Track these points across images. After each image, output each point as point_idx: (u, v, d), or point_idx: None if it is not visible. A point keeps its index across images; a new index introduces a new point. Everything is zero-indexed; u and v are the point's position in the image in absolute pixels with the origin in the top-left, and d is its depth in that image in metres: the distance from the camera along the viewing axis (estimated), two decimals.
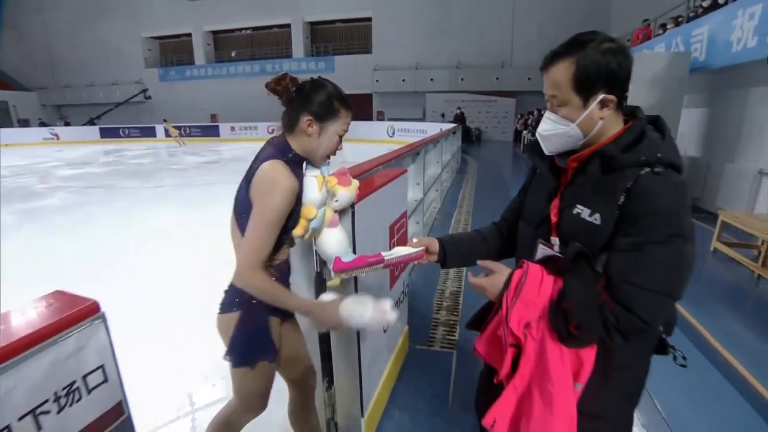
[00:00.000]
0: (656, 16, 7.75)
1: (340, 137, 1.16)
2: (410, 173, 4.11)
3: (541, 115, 0.99)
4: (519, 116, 15.80)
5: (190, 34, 23.21)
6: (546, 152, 0.98)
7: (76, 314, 0.65)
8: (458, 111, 16.47)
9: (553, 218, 0.97)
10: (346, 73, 20.60)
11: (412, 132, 15.71)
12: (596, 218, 0.86)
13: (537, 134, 0.98)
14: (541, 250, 1.01)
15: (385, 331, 1.90)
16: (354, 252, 1.34)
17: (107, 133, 21.47)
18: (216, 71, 23.34)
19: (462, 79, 18.51)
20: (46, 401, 0.60)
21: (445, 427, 1.84)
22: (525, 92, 17.61)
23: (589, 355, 0.89)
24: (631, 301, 0.80)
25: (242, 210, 1.09)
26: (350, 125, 1.17)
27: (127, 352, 2.32)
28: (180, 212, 6.19)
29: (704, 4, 6.04)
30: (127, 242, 4.74)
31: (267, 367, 1.21)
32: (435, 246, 1.19)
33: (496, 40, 18.09)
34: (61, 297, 0.69)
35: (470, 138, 16.43)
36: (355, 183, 1.28)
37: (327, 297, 1.16)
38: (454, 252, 1.19)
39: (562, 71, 0.87)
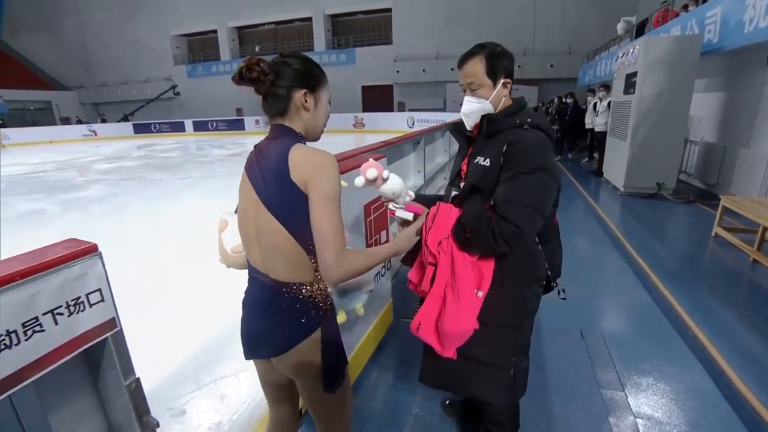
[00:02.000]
0: None
1: (329, 104, 1.11)
2: (411, 161, 4.32)
3: (562, 102, 1.37)
4: (540, 104, 15.52)
5: (215, 31, 24.02)
6: (468, 127, 1.30)
7: (81, 251, 0.93)
8: None
9: (463, 169, 1.32)
10: (367, 64, 20.81)
11: (432, 122, 15.76)
12: (487, 162, 1.19)
13: (461, 114, 1.29)
14: (453, 194, 1.35)
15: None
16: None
17: (140, 129, 22.63)
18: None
19: None
20: (61, 306, 0.88)
21: (417, 390, 2.07)
22: (547, 80, 17.28)
23: (487, 267, 1.17)
24: (507, 213, 1.09)
25: (287, 204, 0.97)
26: (370, 116, 1.24)
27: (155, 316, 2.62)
28: (204, 201, 6.64)
29: None
30: (154, 227, 5.22)
31: (347, 372, 1.16)
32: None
33: (517, 26, 17.77)
34: (73, 241, 0.97)
35: None
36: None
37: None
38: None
39: (476, 64, 1.21)
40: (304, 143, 1.03)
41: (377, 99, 21.05)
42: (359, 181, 1.17)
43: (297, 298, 1.03)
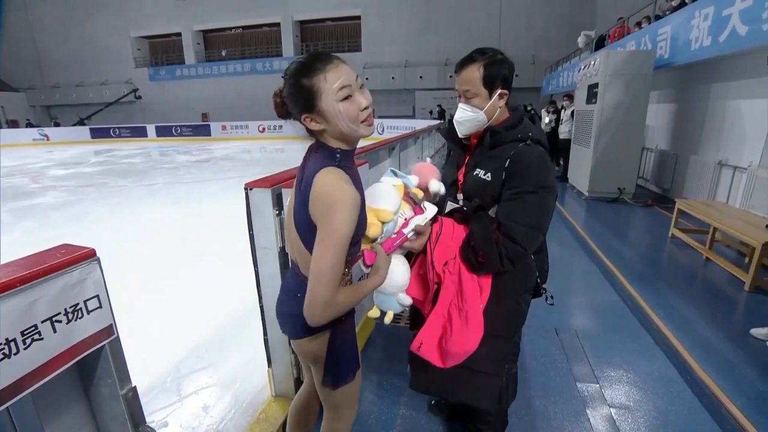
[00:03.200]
0: (633, 13, 8.02)
1: (347, 98, 0.93)
2: (387, 166, 4.37)
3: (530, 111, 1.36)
4: None
5: (179, 34, 23.31)
6: (460, 135, 1.30)
7: (80, 256, 0.91)
8: (438, 108, 16.81)
9: (460, 179, 1.31)
10: None
11: (401, 129, 15.95)
12: (488, 176, 1.19)
13: (454, 121, 1.27)
14: (449, 205, 1.33)
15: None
16: None
17: (98, 134, 21.52)
18: (206, 70, 23.46)
19: (450, 76, 18.72)
20: (59, 313, 0.86)
21: (403, 390, 2.10)
22: (513, 89, 17.88)
23: (486, 282, 1.19)
24: (513, 233, 1.11)
25: (304, 228, 0.99)
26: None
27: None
28: (171, 207, 6.43)
29: (674, 3, 6.35)
30: (122, 234, 5.00)
31: (357, 377, 1.18)
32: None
33: (484, 35, 18.35)
34: (69, 246, 0.95)
35: None
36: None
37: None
38: None
39: (474, 72, 1.18)
40: (337, 160, 0.98)
41: None
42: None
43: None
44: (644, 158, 7.18)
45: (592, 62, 6.15)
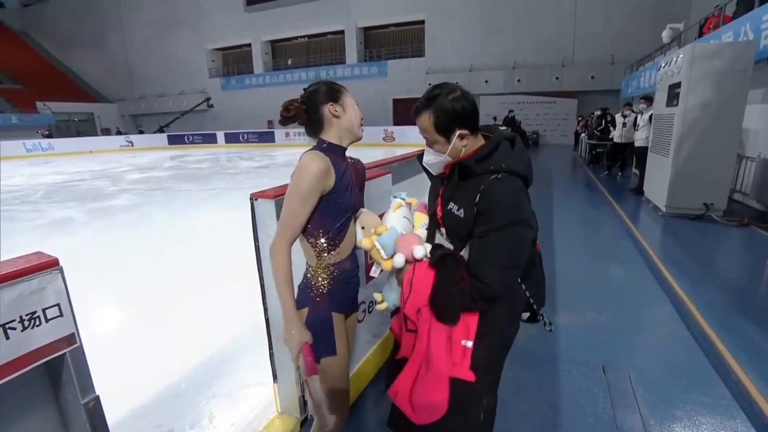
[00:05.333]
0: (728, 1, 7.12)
1: (357, 106, 1.35)
2: (425, 179, 4.26)
3: (604, 114, 2.13)
4: (579, 118, 15.08)
5: (249, 44, 25.16)
6: (434, 174, 1.30)
7: (40, 265, 0.94)
8: (509, 114, 16.10)
9: (439, 212, 1.29)
10: (399, 77, 21.07)
11: None
12: (461, 212, 1.16)
13: (423, 163, 1.29)
14: (438, 237, 1.32)
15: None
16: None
17: (174, 140, 23.85)
18: (273, 79, 25.00)
19: (519, 80, 18.14)
20: (14, 320, 0.89)
21: None
22: (587, 92, 16.85)
23: (473, 318, 1.17)
24: (481, 274, 1.09)
25: None
26: (400, 129, 1.42)
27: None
28: (225, 212, 6.85)
29: None
30: (174, 237, 5.42)
31: (333, 363, 1.32)
32: None
33: (555, 36, 17.52)
34: (37, 255, 1.00)
35: (525, 142, 16.03)
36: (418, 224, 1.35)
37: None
38: None
39: (426, 121, 1.17)
40: (324, 147, 1.28)
41: (408, 112, 21.07)
42: (398, 260, 1.19)
43: (305, 274, 1.34)
44: (742, 168, 6.29)
45: (675, 59, 5.52)
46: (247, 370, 2.39)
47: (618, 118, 8.75)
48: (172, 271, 4.21)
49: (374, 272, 1.29)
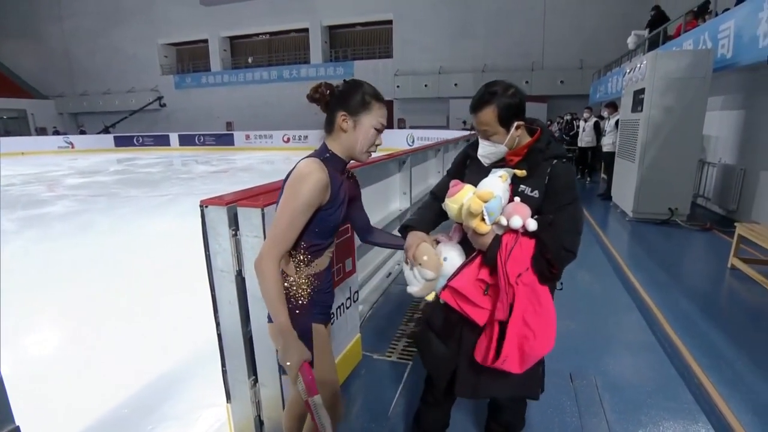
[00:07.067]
0: (695, 6, 7.60)
1: (378, 131, 1.29)
2: (396, 181, 4.30)
3: (572, 119, 2.54)
4: (548, 122, 15.66)
5: (206, 40, 24.62)
6: (485, 165, 1.46)
7: None
8: None
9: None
10: (366, 78, 20.03)
11: (432, 141, 15.89)
12: (535, 193, 1.36)
13: (478, 155, 1.45)
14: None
15: None
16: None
17: (121, 142, 22.93)
18: (232, 78, 24.54)
19: None
20: None
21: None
22: (557, 96, 17.52)
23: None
24: (566, 243, 1.31)
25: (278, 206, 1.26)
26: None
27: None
28: (177, 221, 6.62)
29: None
30: (119, 247, 5.19)
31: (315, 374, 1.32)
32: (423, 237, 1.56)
33: (525, 40, 18.16)
34: None
35: None
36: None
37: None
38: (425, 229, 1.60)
39: (489, 114, 1.33)
40: (324, 156, 1.26)
41: None
42: (516, 222, 1.30)
43: (283, 283, 1.30)
44: (704, 174, 6.71)
45: (639, 65, 5.86)
46: (199, 390, 2.32)
47: (581, 123, 9.17)
48: (116, 284, 4.02)
49: (418, 290, 1.41)
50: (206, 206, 1.70)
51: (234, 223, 1.70)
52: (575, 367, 2.44)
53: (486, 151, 1.41)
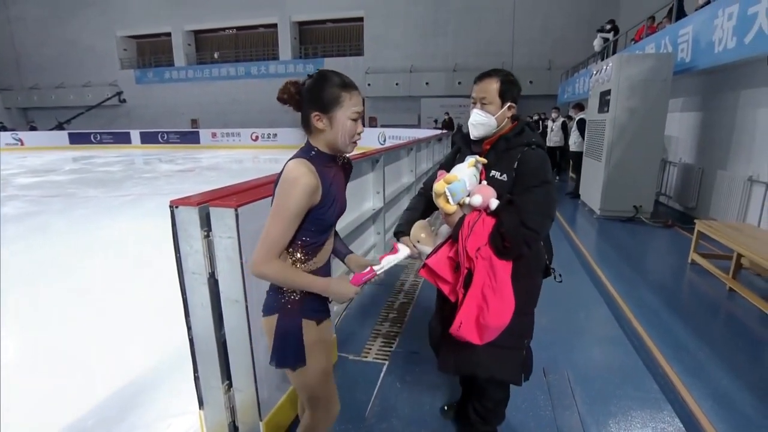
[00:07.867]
0: (658, 9, 7.95)
1: (354, 120, 1.25)
2: (369, 181, 4.31)
3: (539, 119, 2.52)
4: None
5: (169, 34, 23.84)
6: (472, 137, 1.62)
7: None
8: (446, 117, 16.79)
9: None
10: None
11: (404, 140, 15.98)
12: (504, 177, 1.50)
13: (469, 123, 1.59)
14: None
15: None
16: None
17: (77, 139, 21.88)
18: (197, 73, 23.89)
19: (459, 83, 18.89)
20: None
21: None
22: (526, 96, 17.90)
23: (508, 265, 1.49)
24: (528, 221, 1.41)
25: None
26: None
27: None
28: (138, 222, 6.40)
29: (700, 1, 6.27)
30: (77, 251, 4.97)
31: (303, 372, 1.35)
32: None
33: (495, 39, 18.55)
34: None
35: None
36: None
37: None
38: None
39: (492, 83, 1.53)
40: (310, 155, 1.25)
41: None
42: (477, 200, 1.47)
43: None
44: (666, 173, 7.05)
45: (605, 67, 6.10)
46: (168, 398, 2.26)
47: (549, 123, 9.48)
48: (74, 288, 3.87)
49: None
50: (176, 207, 1.67)
51: (206, 224, 1.67)
52: (548, 362, 2.53)
53: (476, 119, 1.55)
